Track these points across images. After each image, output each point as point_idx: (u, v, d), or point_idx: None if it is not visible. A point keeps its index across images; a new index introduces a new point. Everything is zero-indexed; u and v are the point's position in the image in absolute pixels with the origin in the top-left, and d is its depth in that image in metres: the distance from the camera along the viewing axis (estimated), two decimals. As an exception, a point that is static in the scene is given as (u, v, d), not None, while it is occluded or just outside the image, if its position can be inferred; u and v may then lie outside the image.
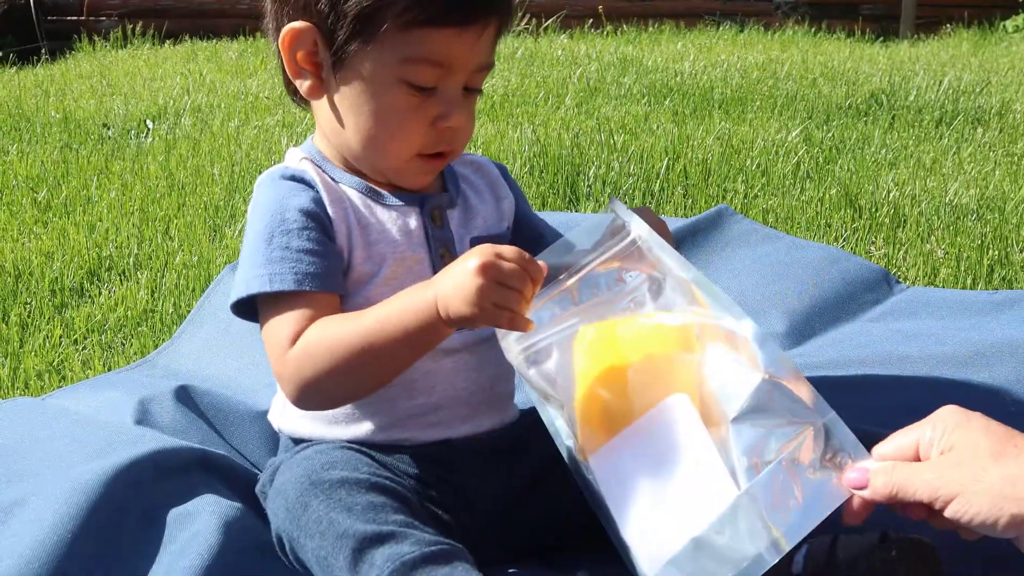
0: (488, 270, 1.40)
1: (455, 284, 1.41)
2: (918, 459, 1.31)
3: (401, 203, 1.65)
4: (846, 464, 1.33)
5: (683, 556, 1.30)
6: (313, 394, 1.53)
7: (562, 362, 1.49)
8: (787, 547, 1.29)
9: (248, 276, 1.56)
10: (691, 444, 1.35)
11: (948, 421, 1.29)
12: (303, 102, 1.69)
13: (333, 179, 1.64)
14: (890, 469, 1.29)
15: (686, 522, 1.32)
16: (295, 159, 1.68)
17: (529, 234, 1.82)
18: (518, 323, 1.42)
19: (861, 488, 1.31)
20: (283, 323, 1.53)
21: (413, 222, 1.65)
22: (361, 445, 1.60)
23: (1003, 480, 1.21)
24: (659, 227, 1.61)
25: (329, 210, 1.60)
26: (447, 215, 1.69)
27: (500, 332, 1.52)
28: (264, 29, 1.70)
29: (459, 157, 1.72)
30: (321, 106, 1.64)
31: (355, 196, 1.63)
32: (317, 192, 1.61)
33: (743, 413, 1.34)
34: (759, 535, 1.28)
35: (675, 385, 1.39)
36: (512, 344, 1.52)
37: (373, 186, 1.65)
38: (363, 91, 1.57)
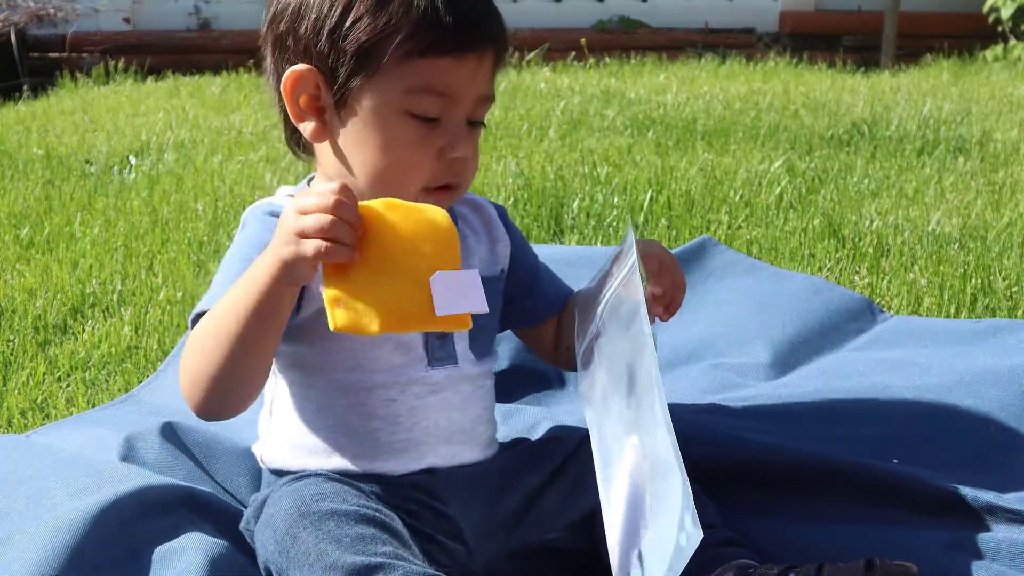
0: (289, 213, 1.41)
1: (275, 238, 1.43)
2: None
3: None
4: None
5: None
6: (196, 384, 1.50)
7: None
8: None
9: (205, 296, 1.59)
10: None
11: None
12: (306, 151, 1.70)
13: None
14: None
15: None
16: (281, 196, 1.68)
17: (523, 276, 1.83)
18: (333, 253, 1.38)
19: None
20: None
21: None
22: (343, 475, 1.61)
23: None
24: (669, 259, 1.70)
25: None
26: None
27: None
28: (265, 81, 1.71)
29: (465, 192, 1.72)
30: (325, 149, 1.65)
31: None
32: None
33: None
34: None
35: None
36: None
37: None
38: (368, 126, 1.58)
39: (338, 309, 1.38)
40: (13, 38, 8.29)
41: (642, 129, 5.01)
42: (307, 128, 1.63)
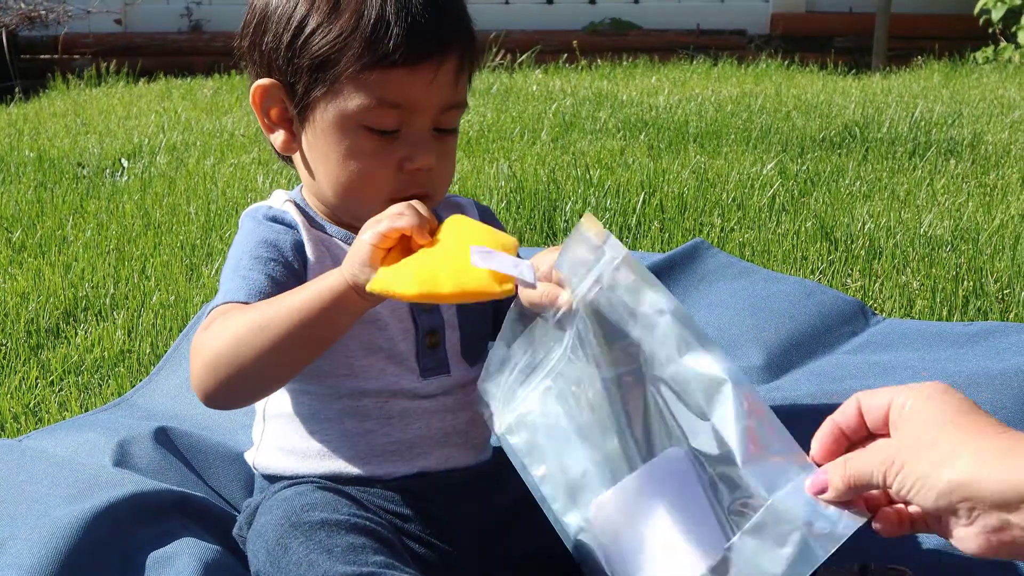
0: (368, 225, 1.45)
1: (351, 248, 1.45)
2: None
3: None
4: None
5: None
6: (214, 370, 1.48)
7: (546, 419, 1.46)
8: None
9: (221, 292, 1.57)
10: (688, 496, 1.32)
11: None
12: (286, 158, 1.71)
13: (316, 224, 1.65)
14: (841, 462, 1.22)
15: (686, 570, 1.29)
16: (279, 200, 1.68)
17: None
18: (415, 221, 1.42)
19: (822, 492, 1.22)
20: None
21: None
22: (336, 479, 1.60)
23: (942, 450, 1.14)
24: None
25: (308, 250, 1.61)
26: None
27: (481, 401, 1.51)
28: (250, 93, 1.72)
29: (442, 199, 1.71)
30: (297, 160, 1.66)
31: (339, 242, 1.64)
32: (298, 233, 1.62)
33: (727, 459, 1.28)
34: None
35: None
36: (497, 417, 1.51)
37: (354, 235, 1.65)
38: (328, 139, 1.58)
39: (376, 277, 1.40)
40: (4, 40, 8.28)
41: (634, 131, 5.01)
42: (277, 139, 1.64)
